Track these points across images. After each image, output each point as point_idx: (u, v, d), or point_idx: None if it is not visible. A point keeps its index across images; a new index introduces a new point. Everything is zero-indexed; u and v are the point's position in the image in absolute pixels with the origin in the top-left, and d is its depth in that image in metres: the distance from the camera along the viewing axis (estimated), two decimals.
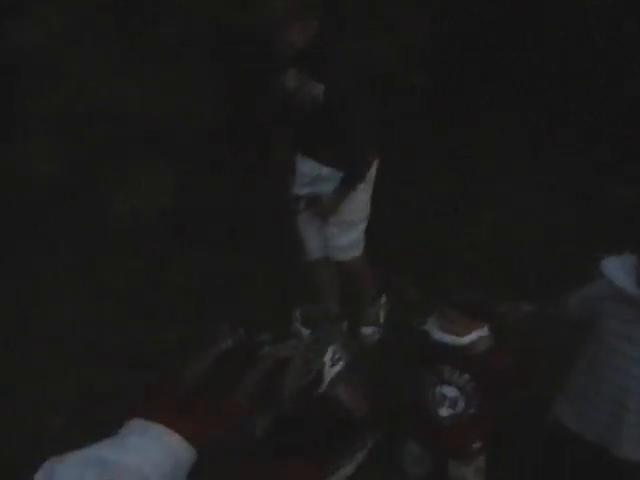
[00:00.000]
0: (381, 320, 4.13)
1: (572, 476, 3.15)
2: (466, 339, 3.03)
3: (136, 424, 3.14)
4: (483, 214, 4.64)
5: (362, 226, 3.87)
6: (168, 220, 4.44)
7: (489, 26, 4.73)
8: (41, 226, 4.36)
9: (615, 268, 2.87)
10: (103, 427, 3.19)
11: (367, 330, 4.12)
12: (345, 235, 3.83)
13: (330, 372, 3.64)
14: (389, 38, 4.43)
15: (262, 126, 3.93)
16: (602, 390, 3.00)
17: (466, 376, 3.09)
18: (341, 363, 3.63)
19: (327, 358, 3.66)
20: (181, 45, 4.30)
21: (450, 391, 3.12)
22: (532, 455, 3.30)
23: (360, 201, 3.77)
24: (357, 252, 3.92)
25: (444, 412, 3.14)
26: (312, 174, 3.73)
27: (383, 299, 4.15)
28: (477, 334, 3.04)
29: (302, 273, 4.26)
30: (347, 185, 3.65)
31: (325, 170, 3.68)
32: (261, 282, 4.41)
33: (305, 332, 3.95)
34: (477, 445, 3.19)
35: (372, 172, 3.75)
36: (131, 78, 4.13)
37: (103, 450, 2.98)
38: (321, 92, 3.45)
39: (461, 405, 3.11)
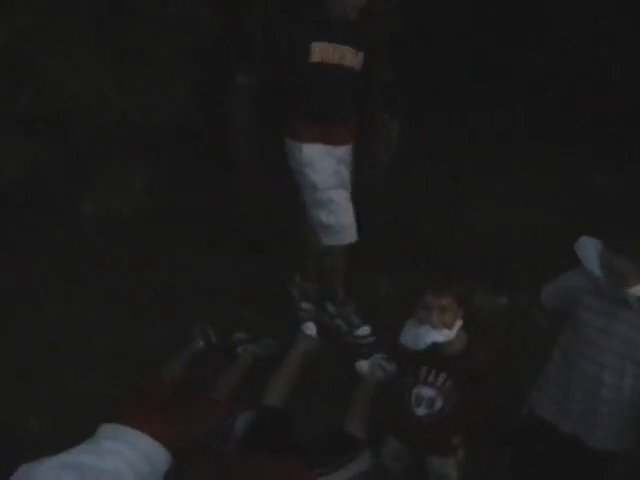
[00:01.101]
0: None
1: (547, 467, 3.16)
2: (453, 332, 3.03)
3: (112, 428, 3.12)
4: (461, 208, 4.63)
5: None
6: (144, 219, 4.40)
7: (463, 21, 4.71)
8: (13, 227, 4.31)
9: (587, 248, 2.90)
10: (85, 428, 3.16)
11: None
12: None
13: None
14: None
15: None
16: (576, 381, 3.01)
17: (443, 375, 3.10)
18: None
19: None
20: (156, 43, 4.25)
21: (427, 392, 3.13)
22: (508, 447, 3.30)
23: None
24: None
25: (421, 412, 3.15)
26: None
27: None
28: (455, 330, 3.04)
29: (284, 271, 4.27)
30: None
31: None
32: (243, 281, 4.37)
33: (309, 331, 3.94)
34: (456, 440, 3.19)
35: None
36: (103, 76, 4.09)
37: (80, 454, 2.95)
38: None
39: (438, 404, 3.12)
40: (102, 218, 4.10)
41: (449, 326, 3.03)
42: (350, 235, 3.76)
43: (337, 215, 3.71)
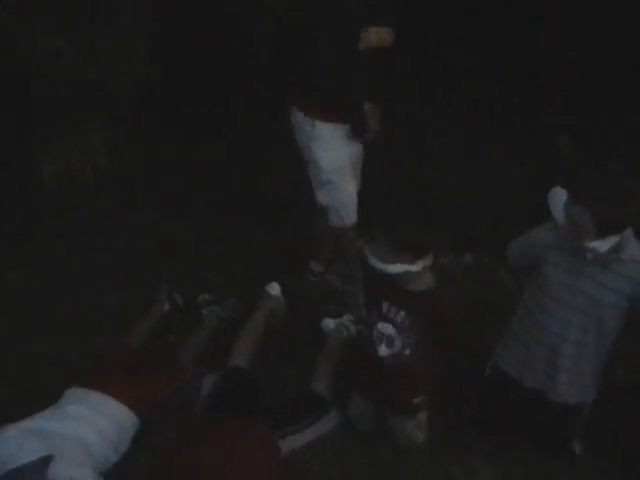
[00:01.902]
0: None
1: (511, 421, 3.21)
2: (400, 267, 2.98)
3: (76, 392, 3.09)
4: (425, 170, 4.62)
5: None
6: (105, 181, 4.33)
7: None
8: None
9: (557, 198, 2.91)
10: (47, 395, 3.14)
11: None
12: None
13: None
14: None
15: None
16: (540, 337, 3.04)
17: (402, 312, 3.07)
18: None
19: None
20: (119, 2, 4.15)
21: (386, 328, 3.10)
22: (473, 403, 3.34)
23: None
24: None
25: (382, 351, 3.12)
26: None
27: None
28: (415, 266, 2.99)
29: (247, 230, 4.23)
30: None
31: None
32: (207, 243, 4.34)
33: (273, 291, 3.91)
34: (418, 399, 3.21)
35: None
36: (65, 36, 3.99)
37: (44, 420, 2.93)
38: None
39: (398, 343, 3.10)
40: (61, 180, 4.03)
41: (407, 262, 2.97)
42: (347, 217, 3.71)
43: (334, 196, 3.66)
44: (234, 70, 4.69)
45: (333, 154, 3.56)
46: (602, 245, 2.82)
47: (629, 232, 2.84)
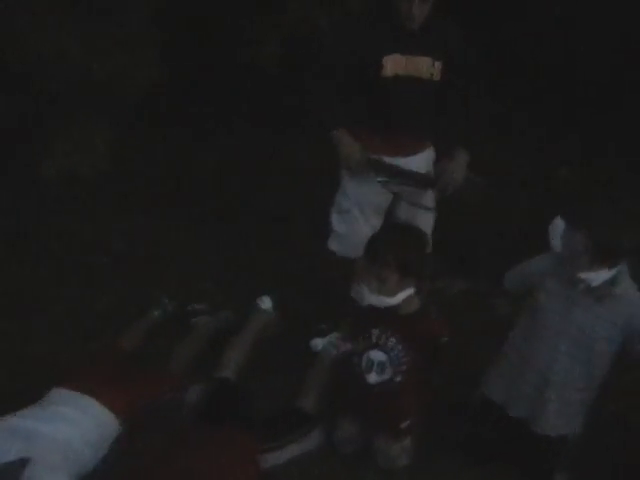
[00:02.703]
0: None
1: (497, 450, 3.19)
2: (394, 299, 2.97)
3: (60, 393, 3.07)
4: None
5: None
6: (106, 182, 4.34)
7: None
8: None
9: (557, 227, 2.93)
10: (34, 395, 3.11)
11: None
12: None
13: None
14: None
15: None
16: (529, 364, 3.03)
17: (393, 339, 3.05)
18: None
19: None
20: (125, 4, 4.17)
21: (377, 355, 3.08)
22: (461, 430, 3.32)
23: None
24: None
25: (372, 378, 3.10)
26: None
27: None
28: (405, 293, 2.98)
29: (245, 242, 4.22)
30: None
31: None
32: (205, 251, 4.34)
33: (264, 305, 3.90)
34: (406, 423, 3.18)
35: None
36: (67, 35, 4.00)
37: (26, 419, 2.90)
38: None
39: (388, 372, 3.08)
40: (63, 179, 4.03)
41: (391, 294, 2.96)
42: (352, 250, 3.57)
43: (347, 226, 3.62)
44: (239, 76, 4.71)
45: (362, 187, 3.52)
46: (595, 278, 2.80)
47: (624, 267, 2.83)
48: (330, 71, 3.35)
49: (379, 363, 3.08)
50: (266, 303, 3.90)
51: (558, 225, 2.92)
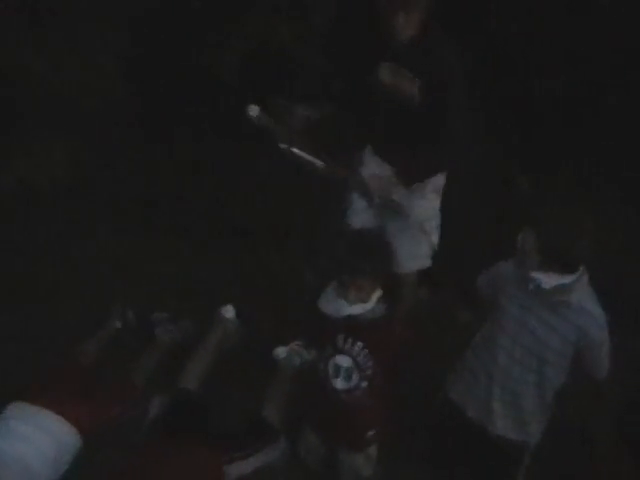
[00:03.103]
0: None
1: (459, 453, 3.21)
2: (370, 304, 3.00)
3: (19, 408, 3.03)
4: None
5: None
6: (64, 193, 4.28)
7: None
8: None
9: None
10: None
11: None
12: None
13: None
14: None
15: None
16: (486, 368, 3.06)
17: (359, 344, 3.05)
18: None
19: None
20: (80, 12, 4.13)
21: (344, 361, 3.07)
22: (423, 436, 3.35)
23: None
24: None
25: (339, 384, 3.10)
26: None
27: None
28: (377, 295, 3.01)
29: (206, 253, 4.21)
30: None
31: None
32: (163, 261, 4.30)
33: (228, 314, 3.88)
34: (370, 433, 3.18)
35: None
36: (29, 44, 3.95)
37: None
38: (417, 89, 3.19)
39: (355, 378, 3.07)
40: (19, 191, 3.97)
41: (366, 300, 3.00)
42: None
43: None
44: (204, 89, 4.69)
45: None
46: (546, 280, 2.79)
47: (584, 276, 2.82)
48: None
49: (346, 369, 3.08)
50: (229, 312, 3.87)
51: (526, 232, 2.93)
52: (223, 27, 4.26)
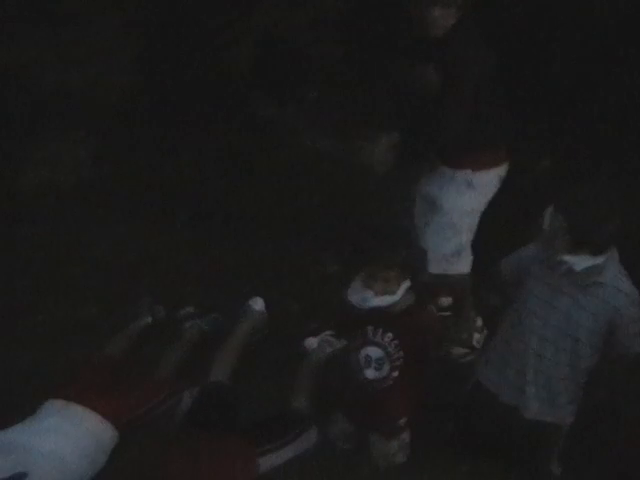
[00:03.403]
0: None
1: (492, 439, 3.18)
2: (397, 296, 3.01)
3: (55, 405, 3.06)
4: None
5: None
6: (86, 192, 4.30)
7: None
8: None
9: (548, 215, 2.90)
10: (24, 409, 3.10)
11: None
12: None
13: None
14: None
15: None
16: (517, 351, 3.03)
17: (389, 334, 3.06)
18: None
19: None
20: (103, 11, 4.14)
21: (375, 351, 3.08)
22: (452, 422, 3.32)
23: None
24: None
25: (370, 374, 3.10)
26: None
27: None
28: (404, 286, 3.01)
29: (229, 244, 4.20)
30: None
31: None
32: (191, 255, 4.32)
33: (256, 306, 3.88)
34: (402, 420, 3.18)
35: None
36: (47, 44, 3.96)
37: (19, 433, 2.89)
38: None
39: (386, 367, 3.09)
40: (44, 190, 3.99)
41: (393, 292, 3.01)
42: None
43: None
44: (217, 82, 4.69)
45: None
46: (577, 262, 2.80)
47: (614, 255, 2.83)
48: None
49: (377, 359, 3.09)
50: (259, 304, 3.88)
51: (549, 212, 2.92)
52: (236, 21, 4.25)
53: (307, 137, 4.50)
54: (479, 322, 3.78)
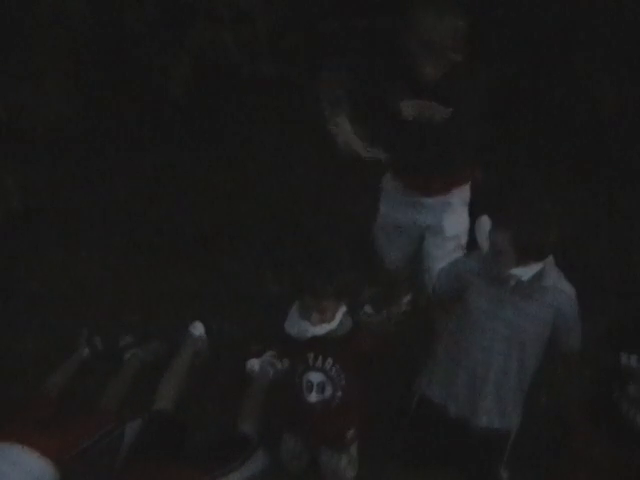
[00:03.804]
0: None
1: (439, 450, 3.23)
2: (334, 323, 3.00)
3: None
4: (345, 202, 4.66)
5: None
6: (18, 223, 4.20)
7: None
8: None
9: (483, 226, 2.94)
10: None
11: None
12: None
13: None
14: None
15: None
16: (464, 364, 3.08)
17: (329, 360, 3.07)
18: None
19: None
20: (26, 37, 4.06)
21: (316, 377, 3.08)
22: (400, 433, 3.35)
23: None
24: None
25: (313, 398, 3.10)
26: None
27: None
28: (340, 313, 3.01)
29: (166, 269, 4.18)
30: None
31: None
32: (125, 282, 4.24)
33: (196, 331, 3.85)
34: (350, 433, 3.20)
35: None
36: None
37: None
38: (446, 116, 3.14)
39: (329, 390, 3.09)
40: None
41: (330, 320, 3.01)
42: None
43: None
44: (152, 104, 4.65)
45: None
46: (525, 272, 2.86)
47: (551, 260, 2.90)
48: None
49: (319, 383, 3.09)
50: (198, 329, 3.84)
51: (483, 223, 2.95)
52: (170, 43, 4.22)
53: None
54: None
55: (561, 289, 2.92)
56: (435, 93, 3.14)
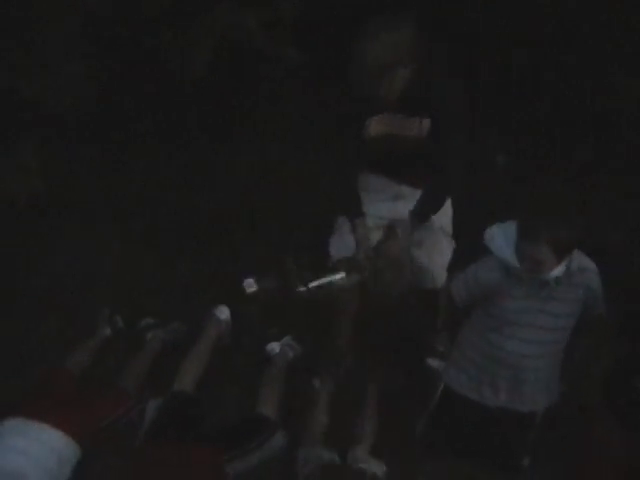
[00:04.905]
0: None
1: (462, 438, 3.26)
2: None
3: (15, 423, 2.99)
4: None
5: None
6: (40, 205, 4.23)
7: None
8: None
9: (498, 238, 2.95)
10: None
11: None
12: None
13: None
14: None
15: None
16: (500, 359, 3.09)
17: None
18: None
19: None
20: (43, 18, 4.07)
21: None
22: (424, 420, 3.37)
23: None
24: None
25: None
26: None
27: None
28: None
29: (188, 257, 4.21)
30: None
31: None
32: (149, 265, 4.26)
33: (222, 315, 3.85)
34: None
35: None
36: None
37: None
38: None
39: None
40: None
41: None
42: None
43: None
44: (172, 89, 4.66)
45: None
46: (560, 269, 2.91)
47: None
48: None
49: None
50: (224, 313, 3.85)
51: (497, 235, 2.95)
52: (191, 26, 4.22)
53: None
54: None
55: (585, 267, 2.98)
56: (405, 108, 3.08)
